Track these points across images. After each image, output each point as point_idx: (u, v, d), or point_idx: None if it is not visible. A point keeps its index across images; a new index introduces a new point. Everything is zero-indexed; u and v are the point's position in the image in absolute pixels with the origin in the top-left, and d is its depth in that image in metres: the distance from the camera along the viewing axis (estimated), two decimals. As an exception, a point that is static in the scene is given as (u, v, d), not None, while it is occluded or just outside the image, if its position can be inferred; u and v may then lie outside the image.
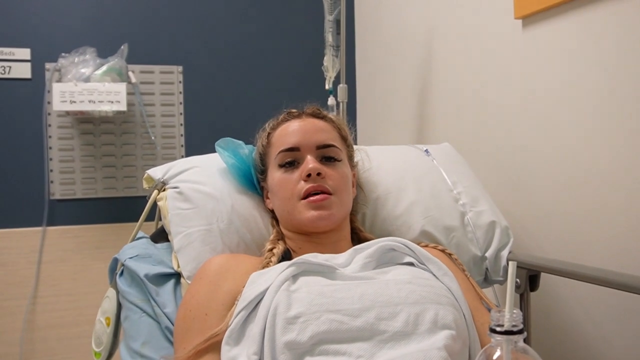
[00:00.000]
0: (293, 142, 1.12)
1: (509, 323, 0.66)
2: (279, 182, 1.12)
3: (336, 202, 1.08)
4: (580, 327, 1.33)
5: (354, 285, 0.94)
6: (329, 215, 1.07)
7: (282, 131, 1.15)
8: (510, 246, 1.29)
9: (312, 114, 1.19)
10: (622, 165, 1.19)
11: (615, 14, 1.19)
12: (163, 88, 2.39)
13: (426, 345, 0.86)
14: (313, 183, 1.07)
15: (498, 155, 1.59)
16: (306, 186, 1.07)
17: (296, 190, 1.08)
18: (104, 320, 1.24)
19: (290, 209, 1.09)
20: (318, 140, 1.12)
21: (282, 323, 0.86)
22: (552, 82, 1.38)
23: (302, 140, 1.11)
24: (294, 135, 1.13)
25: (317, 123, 1.16)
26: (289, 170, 1.11)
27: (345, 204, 1.12)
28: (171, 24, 2.40)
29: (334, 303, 0.89)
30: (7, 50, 2.22)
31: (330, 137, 1.15)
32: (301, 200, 1.08)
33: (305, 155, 1.10)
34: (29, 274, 2.24)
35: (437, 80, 1.92)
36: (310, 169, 1.07)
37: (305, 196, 1.07)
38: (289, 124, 1.16)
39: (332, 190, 1.08)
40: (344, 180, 1.12)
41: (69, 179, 2.29)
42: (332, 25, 1.98)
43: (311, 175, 1.07)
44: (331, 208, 1.07)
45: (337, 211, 1.08)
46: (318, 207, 1.06)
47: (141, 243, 1.29)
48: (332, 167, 1.11)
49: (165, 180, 1.26)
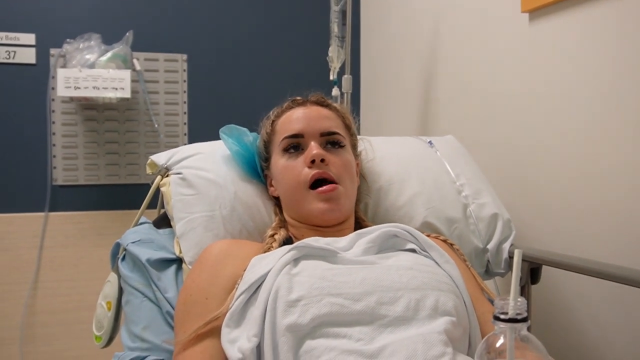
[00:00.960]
0: (297, 129, 1.12)
1: (513, 311, 0.66)
2: (283, 169, 1.12)
3: (343, 193, 1.09)
4: (581, 320, 1.33)
5: (356, 269, 0.94)
6: (338, 208, 1.08)
7: (287, 118, 1.16)
8: (512, 239, 1.29)
9: (317, 101, 1.19)
10: (625, 160, 1.19)
11: (623, 9, 1.19)
12: (167, 76, 2.38)
13: (426, 329, 0.86)
14: (317, 169, 1.07)
15: (501, 148, 1.59)
16: (311, 172, 1.07)
17: (302, 177, 1.08)
18: (105, 305, 1.24)
19: (299, 198, 1.09)
20: (322, 127, 1.12)
21: (283, 306, 0.86)
22: (557, 75, 1.37)
23: (306, 127, 1.12)
24: (298, 122, 1.13)
25: (322, 111, 1.16)
26: (293, 155, 1.11)
27: (350, 194, 1.12)
28: (177, 12, 2.40)
29: (335, 287, 0.90)
30: (12, 35, 2.21)
31: (334, 124, 1.15)
32: (309, 189, 1.08)
33: (309, 141, 1.11)
34: (31, 259, 2.25)
35: (441, 73, 1.91)
36: (314, 154, 1.07)
37: (313, 185, 1.08)
38: (293, 112, 1.16)
39: (336, 178, 1.08)
40: (347, 167, 1.12)
41: (72, 165, 2.30)
42: (338, 16, 1.98)
43: (315, 161, 1.07)
44: (339, 200, 1.08)
45: (344, 202, 1.09)
46: (327, 198, 1.07)
47: (143, 228, 1.29)
48: (336, 154, 1.11)
49: (168, 166, 1.26)
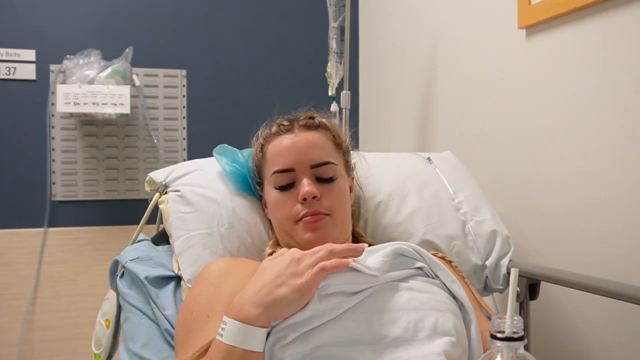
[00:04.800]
0: (287, 163, 1.10)
1: (510, 329, 0.67)
2: (275, 202, 1.11)
3: (331, 223, 1.07)
4: (580, 337, 1.33)
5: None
6: (325, 237, 1.05)
7: (275, 147, 1.13)
8: (511, 255, 1.29)
9: (305, 125, 1.15)
10: (624, 176, 1.20)
11: (621, 25, 1.19)
12: (167, 91, 2.40)
13: (425, 350, 0.86)
14: (309, 208, 1.06)
15: (500, 165, 1.59)
16: (302, 211, 1.06)
17: (292, 213, 1.07)
18: (104, 322, 1.24)
19: (288, 230, 1.09)
20: (312, 158, 1.10)
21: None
22: (554, 91, 1.38)
23: (296, 161, 1.09)
24: (288, 155, 1.10)
25: (310, 137, 1.13)
26: (284, 191, 1.10)
27: (341, 222, 1.11)
28: (176, 28, 2.42)
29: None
30: (12, 51, 2.23)
31: (325, 152, 1.12)
32: (297, 222, 1.07)
33: (300, 176, 1.09)
34: (30, 274, 2.25)
35: (440, 89, 1.92)
36: (305, 192, 1.06)
37: (301, 218, 1.07)
38: (281, 140, 1.13)
39: (328, 211, 1.07)
40: (340, 198, 1.11)
41: (71, 181, 2.30)
42: (336, 32, 1.99)
43: (307, 199, 1.06)
44: (326, 228, 1.06)
45: (331, 231, 1.07)
46: (313, 228, 1.06)
47: (142, 245, 1.29)
48: (328, 187, 1.10)
49: (167, 183, 1.27)
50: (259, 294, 0.87)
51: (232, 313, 0.86)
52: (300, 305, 0.88)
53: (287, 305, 0.87)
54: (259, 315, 0.85)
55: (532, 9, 1.41)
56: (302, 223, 1.06)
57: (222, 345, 0.84)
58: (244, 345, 0.84)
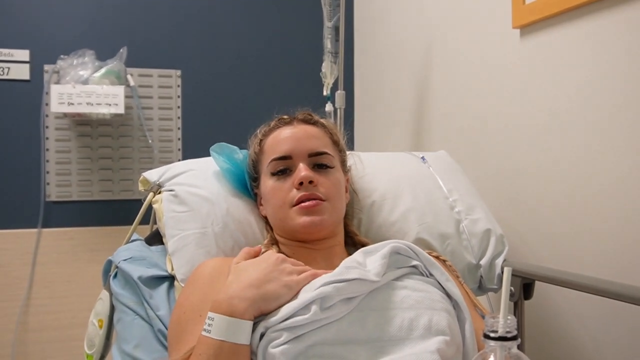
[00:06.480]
0: (285, 150, 1.11)
1: (503, 329, 0.66)
2: (271, 190, 1.11)
3: (328, 208, 1.07)
4: (574, 336, 1.33)
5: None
6: (320, 221, 1.06)
7: (274, 139, 1.14)
8: (505, 254, 1.29)
9: (304, 119, 1.18)
10: (618, 175, 1.20)
11: (614, 24, 1.20)
12: (161, 92, 2.39)
13: (419, 349, 0.86)
14: (305, 191, 1.06)
15: (494, 164, 1.59)
16: (298, 194, 1.06)
17: (288, 198, 1.08)
18: (97, 322, 1.23)
19: (283, 217, 1.09)
20: (310, 147, 1.11)
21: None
22: (549, 91, 1.38)
23: (294, 148, 1.10)
24: (286, 143, 1.12)
25: (309, 129, 1.15)
26: (281, 178, 1.10)
27: (337, 210, 1.11)
28: (170, 28, 2.41)
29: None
30: (6, 51, 2.22)
31: (322, 143, 1.14)
32: (293, 207, 1.07)
33: (297, 163, 1.09)
34: (23, 275, 2.23)
35: (434, 88, 1.92)
36: (302, 177, 1.06)
37: (297, 203, 1.07)
38: (280, 131, 1.15)
39: (324, 197, 1.07)
40: (336, 187, 1.11)
41: (65, 181, 2.29)
42: (331, 32, 1.99)
43: (303, 183, 1.06)
44: (323, 213, 1.06)
45: (329, 217, 1.07)
46: (310, 212, 1.06)
47: (135, 245, 1.29)
48: (325, 174, 1.10)
49: (160, 183, 1.26)
50: (248, 289, 0.90)
51: (219, 309, 0.87)
52: (286, 300, 0.91)
53: (275, 299, 0.90)
54: (247, 309, 0.88)
55: (526, 9, 1.42)
56: (298, 208, 1.06)
57: (210, 341, 0.85)
58: (234, 338, 0.85)
